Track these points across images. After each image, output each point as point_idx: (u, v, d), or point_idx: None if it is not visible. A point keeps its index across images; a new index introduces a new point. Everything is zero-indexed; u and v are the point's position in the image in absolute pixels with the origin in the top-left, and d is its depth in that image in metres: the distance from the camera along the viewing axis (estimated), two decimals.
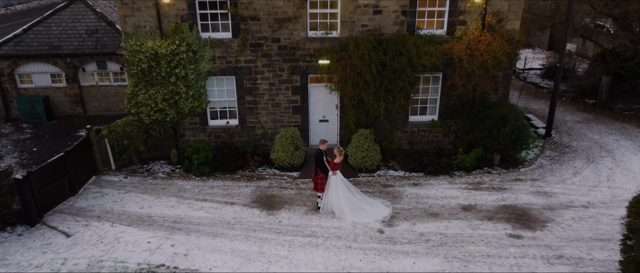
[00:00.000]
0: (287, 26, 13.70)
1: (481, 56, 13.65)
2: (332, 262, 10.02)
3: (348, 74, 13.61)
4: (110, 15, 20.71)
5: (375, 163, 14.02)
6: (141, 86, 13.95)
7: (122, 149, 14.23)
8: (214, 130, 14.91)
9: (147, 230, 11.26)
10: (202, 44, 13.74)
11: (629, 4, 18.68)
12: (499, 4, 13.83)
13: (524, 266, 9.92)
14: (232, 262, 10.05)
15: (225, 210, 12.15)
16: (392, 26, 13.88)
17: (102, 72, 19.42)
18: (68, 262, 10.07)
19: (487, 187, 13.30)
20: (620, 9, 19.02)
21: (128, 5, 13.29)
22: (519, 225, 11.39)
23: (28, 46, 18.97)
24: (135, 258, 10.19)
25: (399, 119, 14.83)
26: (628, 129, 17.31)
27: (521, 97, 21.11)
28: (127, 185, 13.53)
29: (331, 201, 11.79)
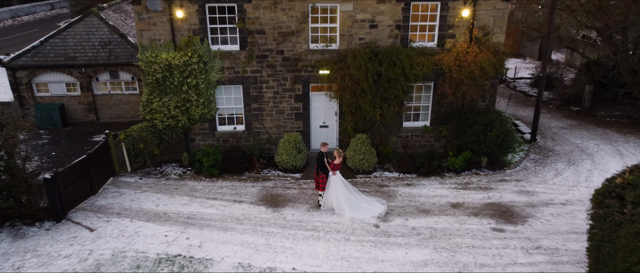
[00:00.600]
0: (290, 39, 14.91)
1: (469, 67, 14.84)
2: (333, 252, 11.12)
3: (346, 83, 14.80)
4: (122, 28, 21.94)
5: (372, 165, 15.17)
6: (155, 94, 15.11)
7: (137, 152, 15.37)
8: (222, 135, 16.07)
9: (164, 225, 12.36)
10: (212, 56, 14.93)
11: (608, 17, 19.93)
12: (485, 18, 15.06)
13: (505, 255, 11.03)
14: (242, 252, 11.15)
15: (234, 207, 13.26)
16: (387, 39, 15.09)
17: (115, 82, 20.59)
18: (94, 253, 11.16)
19: (475, 187, 14.44)
20: (601, 22, 20.27)
21: (145, 21, 14.49)
22: (502, 220, 12.51)
23: (45, 57, 20.15)
24: (154, 249, 11.28)
25: (394, 124, 16.00)
26: (608, 135, 18.49)
27: (510, 105, 22.32)
28: (143, 185, 14.64)
29: (331, 199, 12.91)
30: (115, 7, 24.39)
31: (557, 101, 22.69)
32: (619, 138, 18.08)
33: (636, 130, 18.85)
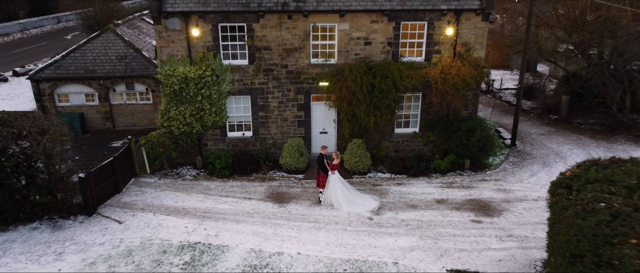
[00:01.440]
0: (293, 55, 16.74)
1: (453, 79, 16.68)
2: (332, 240, 12.83)
3: (344, 94, 16.61)
4: (136, 43, 23.77)
5: (367, 167, 16.93)
6: (173, 104, 16.87)
7: (155, 156, 17.09)
8: (232, 140, 17.82)
9: (183, 218, 14.05)
10: (223, 70, 16.74)
11: (583, 33, 21.87)
12: (467, 36, 16.94)
13: (481, 242, 12.76)
14: (253, 240, 12.85)
15: (244, 203, 14.97)
16: (380, 55, 16.94)
17: (130, 92, 22.35)
18: (124, 241, 12.83)
19: (458, 186, 16.21)
20: (576, 37, 22.20)
21: (164, 38, 16.31)
22: (481, 214, 14.26)
23: (66, 70, 21.92)
24: (176, 238, 12.97)
25: (386, 131, 17.80)
26: (582, 140, 20.32)
27: (495, 114, 24.16)
28: (162, 185, 16.35)
29: (330, 195, 14.64)
30: (129, 23, 26.24)
31: (538, 109, 24.56)
32: (591, 143, 19.91)
33: (607, 136, 20.69)
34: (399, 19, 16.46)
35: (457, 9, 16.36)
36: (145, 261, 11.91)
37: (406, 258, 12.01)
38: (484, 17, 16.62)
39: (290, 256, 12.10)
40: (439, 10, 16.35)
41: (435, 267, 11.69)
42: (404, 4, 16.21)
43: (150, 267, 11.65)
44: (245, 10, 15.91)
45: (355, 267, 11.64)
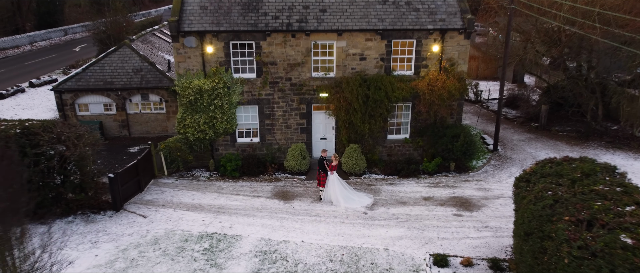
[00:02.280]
0: (296, 69, 18.77)
1: (439, 91, 18.70)
2: (331, 231, 14.75)
3: (341, 103, 18.62)
4: (150, 57, 25.78)
5: (362, 169, 18.89)
6: (188, 113, 18.85)
7: (172, 159, 19.02)
8: (241, 145, 19.78)
9: (200, 213, 15.96)
10: (234, 82, 18.74)
11: (560, 48, 23.96)
12: (451, 52, 19.00)
13: (461, 232, 14.70)
14: (262, 230, 14.75)
15: (253, 200, 16.90)
16: (374, 69, 18.98)
17: (145, 103, 24.31)
18: (150, 231, 14.73)
19: (443, 185, 18.17)
20: (555, 52, 24.28)
21: (181, 55, 18.33)
22: (462, 209, 16.21)
23: (87, 82, 23.89)
24: (196, 229, 14.87)
25: (380, 137, 19.79)
26: (558, 145, 22.33)
27: (481, 122, 26.19)
28: (179, 185, 18.27)
29: (330, 193, 16.58)
30: (142, 38, 28.28)
31: (521, 118, 26.62)
32: (567, 148, 21.92)
33: (582, 142, 22.72)
34: (391, 37, 18.53)
35: (442, 29, 18.44)
36: (170, 247, 13.81)
37: (395, 245, 13.93)
38: (466, 35, 18.70)
39: (295, 243, 14.02)
40: (426, 30, 18.43)
41: (420, 252, 13.61)
42: (394, 24, 18.29)
43: (175, 252, 13.55)
44: (254, 30, 17.97)
45: (352, 252, 13.56)
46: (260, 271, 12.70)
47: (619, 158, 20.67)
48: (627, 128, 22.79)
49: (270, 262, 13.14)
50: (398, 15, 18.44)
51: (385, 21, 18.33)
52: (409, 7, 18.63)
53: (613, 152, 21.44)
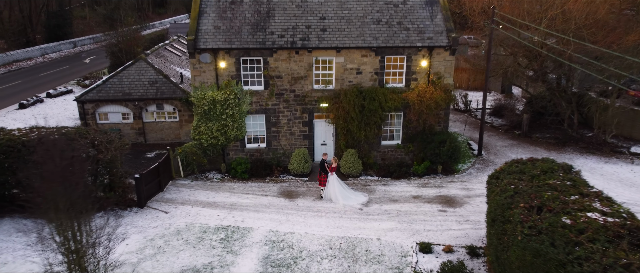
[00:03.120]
0: (300, 82, 20.99)
1: (427, 101, 20.89)
2: (331, 224, 16.86)
3: (340, 113, 20.81)
4: (164, 70, 27.98)
5: (358, 171, 21.04)
6: (203, 121, 21.02)
7: (188, 163, 21.16)
8: (249, 150, 21.94)
9: (215, 209, 18.06)
10: (244, 94, 20.94)
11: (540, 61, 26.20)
12: (438, 67, 21.23)
13: (445, 225, 16.81)
14: (271, 223, 16.86)
15: (262, 199, 19.02)
16: (369, 82, 21.20)
17: (160, 112, 26.49)
18: (173, 225, 16.83)
19: (431, 186, 20.32)
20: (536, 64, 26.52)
21: (197, 69, 20.54)
22: (447, 205, 18.34)
23: (107, 93, 26.09)
24: (212, 222, 16.97)
25: (375, 142, 21.95)
26: (538, 151, 24.50)
27: (469, 129, 28.38)
28: (194, 186, 20.39)
29: (329, 192, 18.70)
30: (156, 52, 30.53)
31: (505, 126, 28.83)
32: (545, 153, 24.07)
33: (559, 147, 24.90)
34: (384, 53, 20.78)
35: (430, 46, 20.70)
36: (191, 237, 15.92)
37: (387, 236, 16.05)
38: (451, 52, 20.95)
39: (300, 234, 16.13)
40: (416, 47, 20.69)
41: (408, 241, 15.73)
42: (387, 42, 20.55)
43: (196, 241, 15.66)
44: (262, 47, 20.22)
45: (349, 242, 15.67)
46: (270, 256, 14.80)
47: (591, 162, 22.86)
48: (600, 134, 24.97)
49: (278, 249, 15.25)
50: (390, 34, 20.72)
51: (379, 39, 20.59)
52: (400, 26, 20.91)
53: (586, 156, 23.64)
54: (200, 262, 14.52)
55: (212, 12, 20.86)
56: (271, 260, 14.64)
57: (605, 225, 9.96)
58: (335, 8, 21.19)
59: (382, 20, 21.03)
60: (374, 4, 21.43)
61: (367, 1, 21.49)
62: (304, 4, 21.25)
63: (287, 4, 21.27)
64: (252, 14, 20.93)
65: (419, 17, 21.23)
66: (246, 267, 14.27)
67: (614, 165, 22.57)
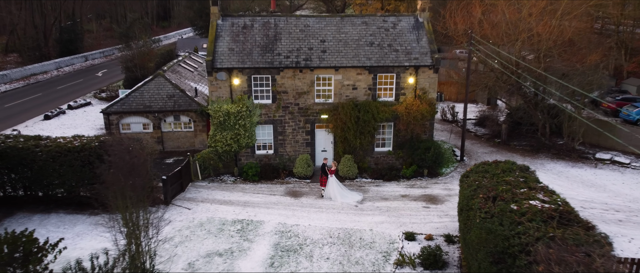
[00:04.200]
0: (303, 96, 24.09)
1: (414, 113, 23.97)
2: (330, 217, 19.84)
3: (338, 123, 23.88)
4: (180, 85, 31.07)
5: (354, 174, 24.06)
6: (218, 131, 24.06)
7: (205, 167, 24.17)
8: (259, 156, 24.98)
9: (231, 206, 21.04)
10: (254, 107, 24.01)
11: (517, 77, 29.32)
12: (423, 83, 24.35)
13: (427, 218, 19.79)
14: (279, 217, 19.83)
15: (271, 197, 22.01)
16: (363, 96, 24.30)
17: (177, 122, 29.55)
18: (196, 218, 19.79)
19: (417, 186, 23.34)
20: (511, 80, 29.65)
21: (214, 85, 23.64)
22: (430, 203, 21.34)
23: (129, 105, 29.16)
24: (229, 216, 19.94)
25: (369, 149, 25.01)
26: (514, 157, 27.53)
27: (454, 138, 31.45)
28: (211, 187, 23.39)
29: (329, 191, 21.70)
30: (172, 69, 33.66)
31: (488, 135, 31.91)
32: (520, 159, 27.11)
33: (533, 154, 27.96)
34: (376, 72, 23.91)
35: (416, 65, 23.85)
36: (213, 228, 18.90)
37: (378, 227, 19.04)
38: (435, 70, 24.09)
39: (304, 226, 19.11)
40: (404, 66, 23.83)
41: (396, 231, 18.71)
42: (379, 62, 23.70)
43: (217, 232, 18.64)
44: (271, 67, 23.35)
45: (346, 232, 18.66)
46: (280, 243, 17.78)
47: (560, 166, 25.94)
48: (569, 142, 28.05)
49: (286, 237, 18.22)
50: (382, 55, 23.88)
51: (372, 59, 23.75)
52: (390, 48, 24.08)
53: (556, 161, 26.71)
54: (222, 248, 17.49)
55: (227, 36, 24.04)
56: (281, 246, 17.61)
57: (542, 209, 12.97)
58: (333, 32, 24.38)
59: (374, 43, 24.21)
60: (367, 29, 24.64)
61: (361, 26, 24.71)
62: (307, 29, 24.45)
63: (292, 28, 24.46)
64: (261, 37, 24.11)
65: (406, 40, 24.42)
66: (260, 252, 17.24)
67: (580, 169, 25.64)
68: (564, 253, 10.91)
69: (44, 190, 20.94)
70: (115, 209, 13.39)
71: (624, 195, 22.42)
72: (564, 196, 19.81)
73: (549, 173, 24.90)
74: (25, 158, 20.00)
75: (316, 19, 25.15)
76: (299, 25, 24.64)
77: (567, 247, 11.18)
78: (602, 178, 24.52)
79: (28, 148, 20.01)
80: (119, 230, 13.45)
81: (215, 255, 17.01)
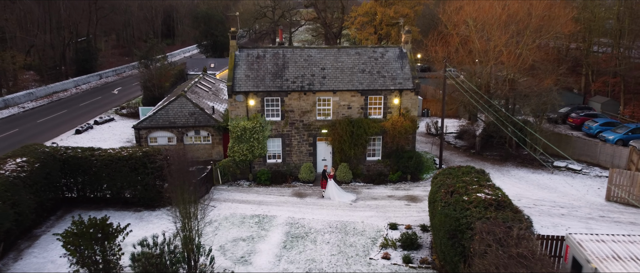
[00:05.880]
0: (306, 114, 29.03)
1: (399, 128, 28.88)
2: (330, 213, 24.63)
3: (336, 137, 28.79)
4: (199, 104, 35.97)
5: (350, 179, 28.91)
6: (236, 143, 28.90)
7: (224, 173, 28.98)
8: (269, 164, 29.82)
9: (248, 204, 25.81)
10: (266, 123, 28.91)
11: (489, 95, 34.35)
12: (406, 104, 29.32)
13: (408, 213, 24.59)
14: (288, 213, 24.60)
15: (280, 197, 26.80)
16: (356, 114, 29.25)
17: (197, 136, 34.37)
18: (221, 214, 24.53)
19: (401, 189, 28.19)
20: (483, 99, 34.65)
21: (233, 105, 28.57)
22: (411, 201, 26.18)
23: (157, 122, 34.01)
24: (248, 212, 24.70)
25: (361, 158, 29.89)
26: (485, 165, 32.44)
27: (436, 149, 36.36)
28: (230, 190, 28.17)
29: (329, 192, 26.53)
30: (191, 90, 38.57)
31: (465, 146, 36.86)
32: (489, 166, 32.04)
33: (501, 162, 32.88)
34: (367, 94, 28.90)
35: (400, 89, 28.85)
36: (235, 221, 23.67)
37: (368, 220, 23.83)
38: (416, 93, 29.10)
39: (309, 219, 23.90)
40: (390, 90, 28.83)
41: (382, 223, 23.49)
42: (369, 86, 28.71)
43: (239, 223, 23.40)
44: (280, 90, 28.32)
45: (342, 223, 23.43)
46: (290, 231, 22.55)
47: (522, 172, 30.87)
48: (531, 152, 33.02)
49: (295, 228, 22.99)
50: (372, 80, 28.90)
51: (364, 84, 28.76)
52: (378, 75, 29.12)
53: (520, 168, 31.65)
54: (244, 235, 22.25)
55: (244, 65, 29.05)
56: (291, 234, 22.37)
57: (485, 199, 17.84)
58: (332, 61, 29.43)
59: (366, 70, 29.26)
60: (360, 58, 29.71)
61: (355, 56, 29.78)
62: (310, 58, 29.50)
63: (297, 58, 29.51)
64: (272, 66, 29.13)
65: (392, 67, 29.48)
66: (275, 238, 21.99)
67: (539, 175, 30.60)
68: (493, 226, 15.76)
69: (95, 191, 25.62)
70: (175, 203, 18.06)
71: (570, 195, 27.33)
72: (522, 196, 25.32)
73: (512, 178, 29.85)
74: (83, 165, 24.73)
75: (317, 50, 30.25)
76: (303, 56, 29.69)
77: (497, 223, 16.04)
78: (555, 181, 29.45)
79: (85, 157, 24.77)
80: (176, 216, 18.14)
81: (240, 240, 21.76)
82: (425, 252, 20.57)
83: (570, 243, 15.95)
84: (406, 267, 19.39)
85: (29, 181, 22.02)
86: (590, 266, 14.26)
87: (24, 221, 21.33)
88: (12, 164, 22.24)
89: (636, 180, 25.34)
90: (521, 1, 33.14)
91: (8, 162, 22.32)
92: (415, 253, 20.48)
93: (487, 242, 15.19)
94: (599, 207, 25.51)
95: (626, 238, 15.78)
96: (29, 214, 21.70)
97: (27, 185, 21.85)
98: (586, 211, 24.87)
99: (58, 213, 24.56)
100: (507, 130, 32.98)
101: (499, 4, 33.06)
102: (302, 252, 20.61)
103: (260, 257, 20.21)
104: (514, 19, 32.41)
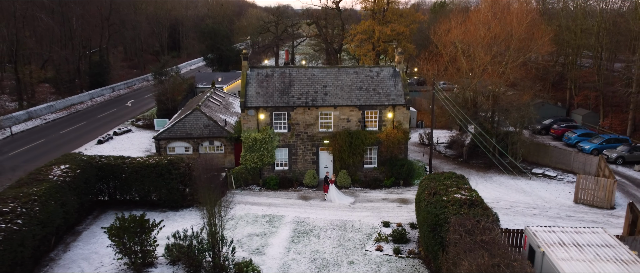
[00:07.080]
0: (310, 127, 32.72)
1: (392, 139, 32.53)
2: (332, 213, 28.21)
3: (336, 147, 32.45)
4: (213, 117, 39.68)
5: (348, 184, 32.52)
6: (247, 152, 32.57)
7: (237, 179, 32.61)
8: (277, 171, 33.45)
9: (260, 206, 29.41)
10: (274, 135, 32.58)
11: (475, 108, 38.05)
12: (399, 117, 33.00)
13: (399, 213, 28.16)
14: (295, 213, 28.18)
15: (287, 200, 30.41)
16: (355, 127, 32.92)
17: (211, 146, 38.03)
18: (236, 214, 28.09)
19: (395, 193, 31.79)
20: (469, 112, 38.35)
21: (245, 119, 32.28)
22: (402, 203, 29.75)
23: (174, 133, 37.71)
24: (260, 212, 28.28)
25: (359, 166, 33.52)
26: (471, 172, 36.03)
27: (427, 158, 39.97)
28: (243, 194, 31.79)
29: (330, 196, 30.13)
30: (204, 104, 42.34)
31: (454, 155, 40.49)
32: (474, 173, 35.63)
33: (485, 170, 36.47)
34: (364, 109, 32.62)
35: (393, 104, 32.57)
36: (249, 220, 27.27)
37: (364, 219, 27.41)
38: (407, 107, 32.80)
39: (313, 218, 27.49)
40: (384, 105, 32.55)
41: (377, 221, 27.06)
42: (366, 102, 32.44)
43: (252, 222, 26.99)
44: (287, 106, 32.07)
45: (342, 222, 27.02)
46: (297, 228, 26.14)
47: (503, 178, 34.47)
48: (513, 160, 36.63)
49: (301, 225, 26.57)
50: (368, 96, 32.64)
51: (361, 100, 32.49)
52: (374, 92, 32.86)
53: (501, 175, 35.26)
54: (258, 231, 25.84)
55: (254, 83, 32.81)
56: (298, 230, 25.95)
57: (460, 199, 21.44)
58: (333, 80, 33.20)
59: (363, 88, 33.01)
60: (357, 77, 33.47)
61: (353, 75, 33.55)
62: (313, 77, 33.27)
63: (302, 77, 33.28)
64: (280, 83, 32.89)
65: (387, 85, 33.23)
66: (284, 234, 25.58)
67: (518, 181, 34.21)
68: (465, 220, 19.36)
69: (124, 194, 29.23)
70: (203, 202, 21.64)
71: (544, 198, 30.92)
72: (500, 199, 29.00)
73: (494, 183, 33.46)
74: (115, 172, 28.37)
75: (320, 70, 34.02)
76: (307, 74, 33.45)
77: (468, 217, 19.63)
78: (532, 186, 33.05)
79: (118, 164, 28.42)
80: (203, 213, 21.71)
81: (254, 235, 25.34)
82: (413, 245, 24.14)
83: (527, 233, 19.52)
84: (396, 256, 22.95)
85: (73, 185, 25.64)
86: (540, 250, 17.82)
87: (69, 219, 24.94)
88: (57, 170, 25.89)
89: (600, 184, 28.94)
90: (503, 25, 36.96)
91: (54, 168, 25.97)
92: (405, 246, 24.04)
93: (459, 233, 18.79)
94: (567, 208, 29.09)
95: (573, 229, 19.36)
96: (73, 213, 25.31)
97: (71, 188, 25.47)
98: (555, 212, 28.45)
99: (94, 213, 28.16)
100: (492, 140, 36.68)
101: (483, 27, 36.88)
102: (307, 245, 24.16)
103: (272, 248, 23.78)
104: (496, 41, 36.22)
